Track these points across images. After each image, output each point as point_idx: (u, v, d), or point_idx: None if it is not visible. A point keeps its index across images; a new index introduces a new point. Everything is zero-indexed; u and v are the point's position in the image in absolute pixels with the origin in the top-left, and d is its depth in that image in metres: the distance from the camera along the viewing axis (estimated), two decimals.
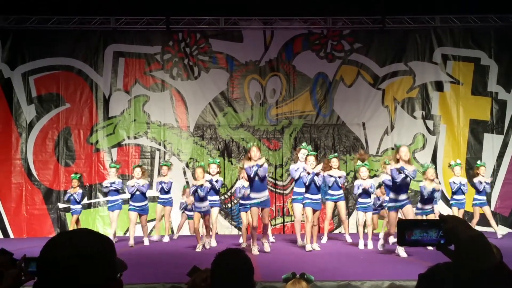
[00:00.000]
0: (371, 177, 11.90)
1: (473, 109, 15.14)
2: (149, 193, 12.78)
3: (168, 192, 12.84)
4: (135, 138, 15.05)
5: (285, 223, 15.01)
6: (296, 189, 11.34)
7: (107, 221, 14.00)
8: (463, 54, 15.30)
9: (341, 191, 11.73)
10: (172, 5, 14.54)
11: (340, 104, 15.25)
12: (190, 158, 14.97)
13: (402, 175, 9.25)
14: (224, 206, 14.89)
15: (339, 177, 11.53)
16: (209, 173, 11.36)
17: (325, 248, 10.45)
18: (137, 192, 11.86)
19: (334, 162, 11.49)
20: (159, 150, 14.99)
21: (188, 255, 10.03)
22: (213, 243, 11.51)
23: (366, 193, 11.11)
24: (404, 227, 1.60)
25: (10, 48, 14.91)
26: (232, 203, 14.72)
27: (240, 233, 12.71)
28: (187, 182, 14.18)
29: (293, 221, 14.89)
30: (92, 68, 15.10)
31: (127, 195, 12.48)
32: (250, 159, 9.99)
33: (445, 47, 15.30)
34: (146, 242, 12.23)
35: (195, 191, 10.67)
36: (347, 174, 14.00)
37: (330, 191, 11.55)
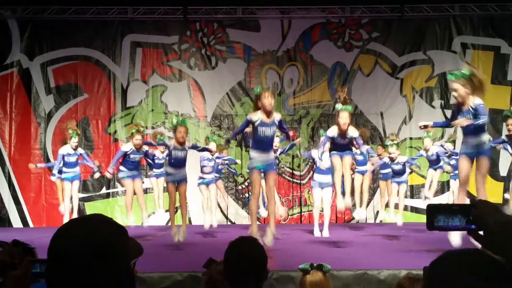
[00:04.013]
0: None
1: (493, 99, 14.91)
2: None
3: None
4: (152, 128, 15.09)
5: (302, 213, 14.99)
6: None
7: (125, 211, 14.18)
8: (482, 43, 15.13)
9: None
10: None
11: (358, 94, 15.17)
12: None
13: None
14: (241, 196, 14.93)
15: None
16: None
17: (341, 237, 10.41)
18: None
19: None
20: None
21: (206, 243, 10.04)
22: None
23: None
24: (432, 211, 1.59)
25: (29, 39, 14.99)
26: (249, 193, 14.71)
27: (258, 223, 12.66)
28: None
29: (310, 211, 14.93)
30: (110, 58, 15.15)
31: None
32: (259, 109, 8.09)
33: (464, 35, 15.14)
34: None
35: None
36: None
37: None
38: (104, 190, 14.88)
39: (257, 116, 7.99)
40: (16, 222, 14.61)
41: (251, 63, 15.29)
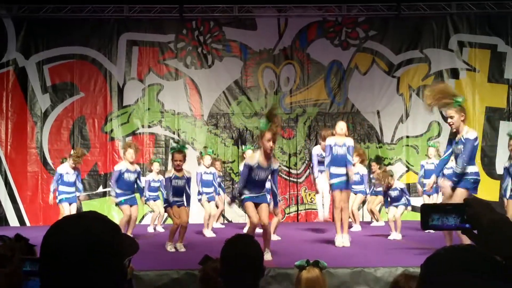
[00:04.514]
0: None
1: (489, 97, 14.98)
2: None
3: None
4: (149, 127, 15.07)
5: (299, 211, 14.98)
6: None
7: None
8: (479, 41, 15.12)
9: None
10: None
11: (354, 92, 15.16)
12: (204, 147, 14.94)
13: None
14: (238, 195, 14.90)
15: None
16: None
17: None
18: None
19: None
20: (173, 138, 14.99)
21: (203, 241, 10.04)
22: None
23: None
24: (426, 211, 1.58)
25: (24, 37, 14.94)
26: None
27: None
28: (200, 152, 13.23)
29: (307, 209, 14.94)
30: (106, 57, 15.12)
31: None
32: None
33: (461, 33, 15.13)
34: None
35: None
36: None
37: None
38: (101, 189, 14.85)
39: (255, 160, 7.57)
40: (13, 220, 14.58)
41: (247, 62, 15.26)
